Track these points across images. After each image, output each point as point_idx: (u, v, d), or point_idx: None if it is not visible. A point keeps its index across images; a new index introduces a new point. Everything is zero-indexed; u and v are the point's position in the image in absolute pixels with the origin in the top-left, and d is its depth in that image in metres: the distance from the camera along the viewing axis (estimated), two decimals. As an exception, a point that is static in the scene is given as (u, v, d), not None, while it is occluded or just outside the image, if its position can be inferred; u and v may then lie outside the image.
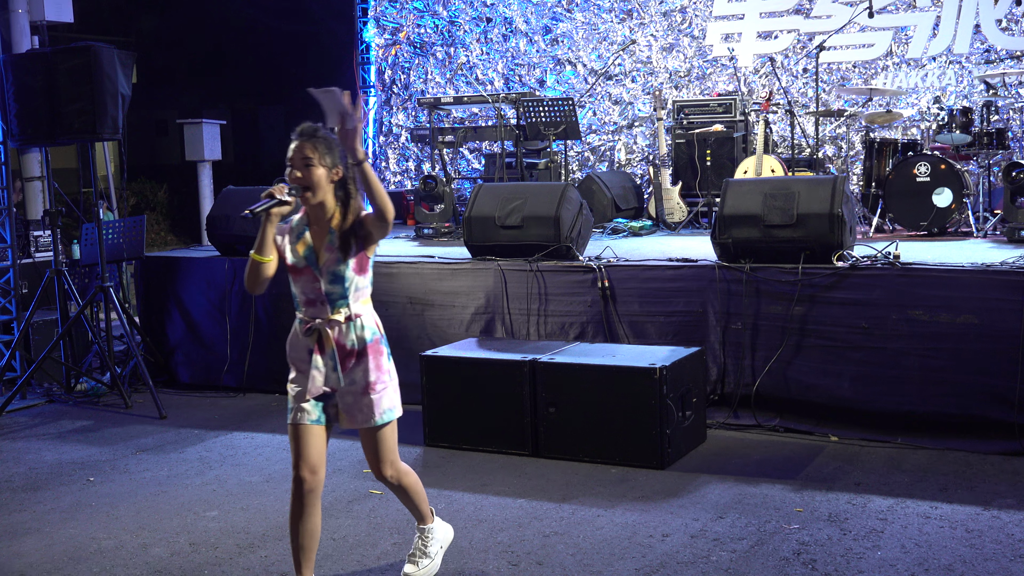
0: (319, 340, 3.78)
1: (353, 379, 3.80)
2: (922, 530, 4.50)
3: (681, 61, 10.52)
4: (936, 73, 9.49)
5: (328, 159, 3.69)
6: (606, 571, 4.20)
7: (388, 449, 3.90)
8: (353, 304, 3.78)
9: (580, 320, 6.55)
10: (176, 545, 4.64)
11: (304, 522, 3.81)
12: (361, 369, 3.80)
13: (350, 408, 3.82)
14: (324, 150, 3.69)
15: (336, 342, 3.78)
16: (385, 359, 3.88)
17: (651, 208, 9.41)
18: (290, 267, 3.80)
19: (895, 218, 8.01)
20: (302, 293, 3.80)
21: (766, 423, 6.07)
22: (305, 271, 3.76)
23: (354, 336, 3.79)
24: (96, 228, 7.34)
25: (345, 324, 3.78)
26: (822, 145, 9.78)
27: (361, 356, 3.80)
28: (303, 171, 3.67)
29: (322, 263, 3.74)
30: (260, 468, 5.72)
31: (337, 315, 3.77)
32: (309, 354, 3.79)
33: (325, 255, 3.74)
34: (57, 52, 7.07)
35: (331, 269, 3.74)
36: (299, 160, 3.67)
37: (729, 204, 6.28)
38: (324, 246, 3.75)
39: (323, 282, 3.75)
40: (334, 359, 3.77)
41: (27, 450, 6.27)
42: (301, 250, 3.77)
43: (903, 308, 5.74)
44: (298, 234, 3.79)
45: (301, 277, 3.78)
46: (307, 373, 3.78)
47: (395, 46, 12.00)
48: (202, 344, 7.80)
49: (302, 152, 3.67)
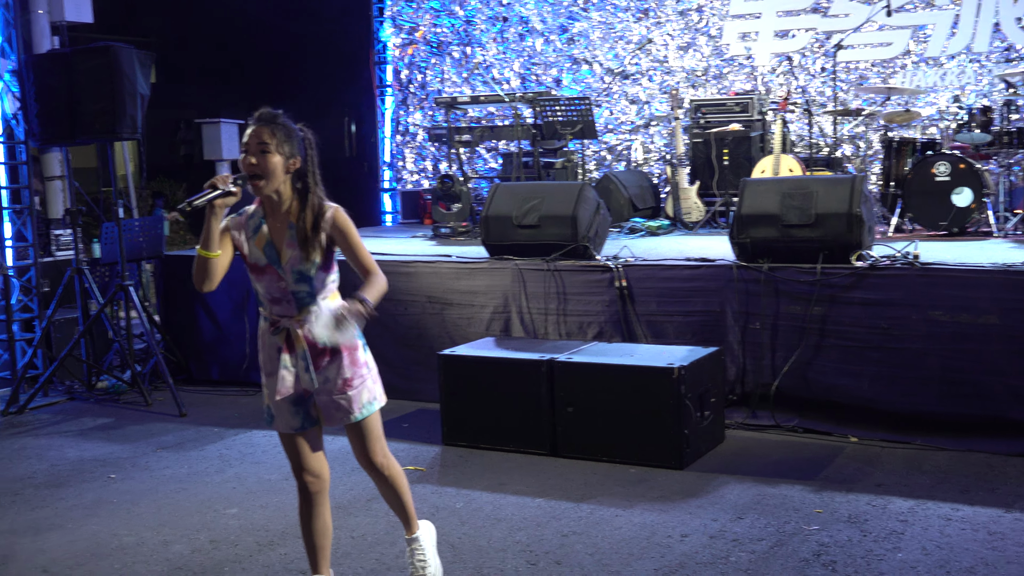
0: (287, 339, 3.60)
1: (327, 377, 3.62)
2: (943, 532, 4.49)
3: (698, 60, 10.50)
4: (955, 72, 9.45)
5: (286, 147, 3.49)
6: (624, 571, 4.20)
7: (375, 439, 3.73)
8: (321, 302, 3.60)
9: (598, 320, 6.55)
10: (197, 542, 4.67)
11: (314, 522, 3.75)
12: (335, 366, 3.62)
13: (327, 407, 3.65)
14: (283, 137, 3.48)
15: (307, 341, 3.58)
16: (360, 352, 3.67)
17: (668, 208, 9.40)
18: (250, 265, 3.60)
19: (914, 218, 7.97)
20: (266, 291, 3.60)
21: (785, 423, 6.06)
22: (267, 269, 3.56)
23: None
24: (116, 227, 7.38)
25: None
26: (840, 144, 9.75)
27: (335, 353, 3.61)
28: (258, 157, 3.45)
29: (285, 261, 3.54)
30: (279, 466, 5.74)
31: (306, 314, 3.59)
32: (278, 353, 3.61)
33: (287, 252, 3.54)
34: (77, 52, 7.12)
35: (296, 268, 3.54)
36: (255, 145, 3.46)
37: (747, 204, 6.27)
38: (284, 242, 3.55)
39: (289, 281, 3.55)
40: (306, 359, 3.58)
41: (49, 447, 6.32)
42: (261, 246, 3.56)
43: (923, 308, 5.72)
44: (255, 228, 3.58)
45: (264, 276, 3.57)
46: (277, 375, 3.61)
47: (412, 46, 12.01)
48: (222, 342, 7.84)
49: (259, 137, 3.46)
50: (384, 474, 3.79)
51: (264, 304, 3.64)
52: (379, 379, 3.76)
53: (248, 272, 3.62)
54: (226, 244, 3.56)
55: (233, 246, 3.59)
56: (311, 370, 3.59)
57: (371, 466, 3.77)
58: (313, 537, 3.78)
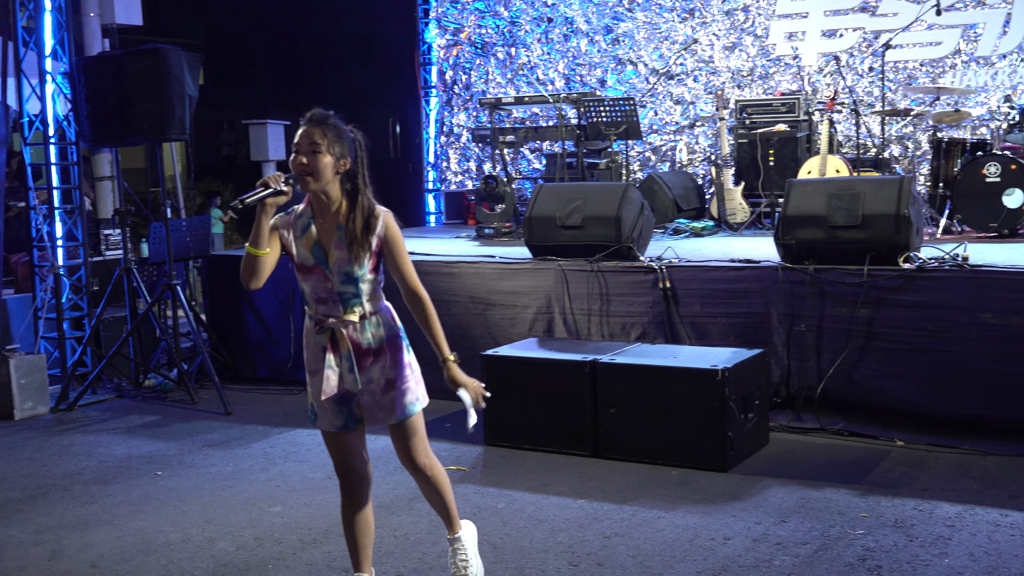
0: (332, 339, 3.62)
1: (371, 378, 3.64)
2: (991, 538, 4.42)
3: (744, 60, 10.43)
4: (1007, 71, 9.30)
5: (337, 148, 3.52)
6: (667, 573, 4.18)
7: (418, 439, 3.73)
8: (367, 303, 3.62)
9: (641, 321, 6.53)
10: (241, 539, 4.71)
11: (356, 520, 3.79)
12: (379, 367, 3.64)
13: (371, 407, 3.68)
14: (333, 138, 3.52)
15: (351, 341, 3.62)
16: (404, 352, 3.69)
17: (713, 208, 9.35)
18: (297, 265, 3.62)
19: (963, 219, 7.86)
20: (312, 291, 3.63)
21: (830, 426, 6.00)
22: (314, 269, 3.59)
23: (370, 334, 3.63)
24: (164, 227, 7.48)
25: (360, 323, 3.62)
26: (888, 145, 9.64)
27: (379, 354, 3.64)
28: (309, 157, 3.49)
29: (332, 262, 3.57)
30: (323, 464, 5.79)
31: (351, 315, 3.60)
32: (323, 352, 3.63)
33: (335, 253, 3.57)
34: (127, 55, 7.22)
35: (343, 269, 3.57)
36: (306, 145, 3.50)
37: (793, 204, 6.22)
38: (333, 242, 3.57)
39: (335, 282, 3.58)
40: (350, 359, 3.61)
41: (97, 444, 6.41)
42: (308, 246, 3.58)
43: (972, 311, 5.63)
44: (303, 228, 3.61)
45: (311, 276, 3.60)
46: (320, 374, 3.63)
47: (456, 47, 12.05)
48: (267, 341, 7.92)
49: (310, 138, 3.50)
50: (426, 474, 3.79)
51: (310, 304, 3.67)
52: (422, 380, 3.77)
53: (295, 272, 3.65)
54: (274, 242, 3.58)
55: (280, 245, 3.61)
56: (355, 370, 3.61)
57: (413, 466, 3.77)
58: (355, 535, 3.80)
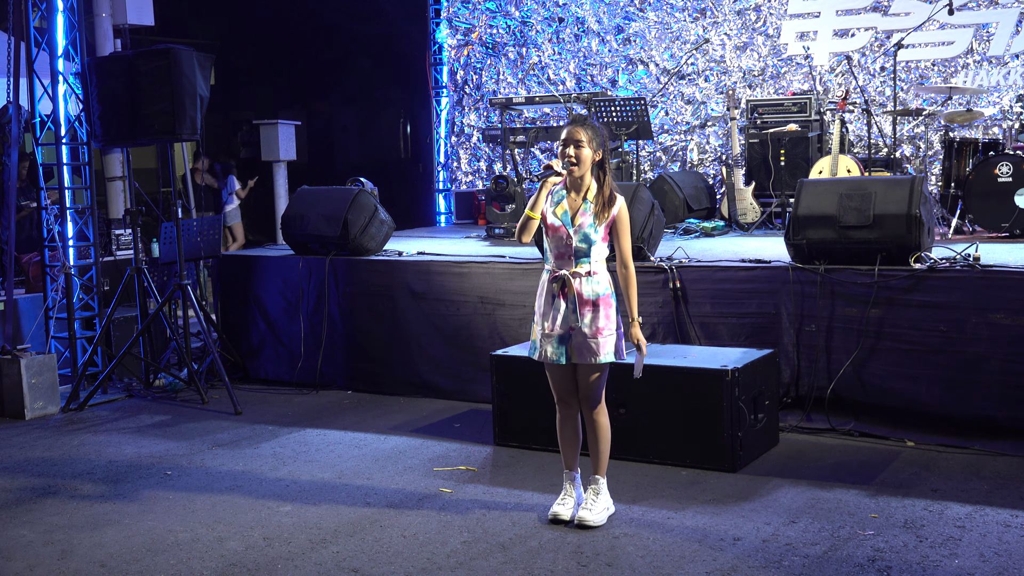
0: (563, 287, 4.55)
1: (585, 322, 4.54)
2: (1002, 539, 4.40)
3: (755, 60, 10.41)
4: (1019, 71, 9.26)
5: (594, 143, 4.54)
6: (676, 574, 4.17)
7: (601, 383, 4.66)
8: (593, 263, 4.56)
9: (651, 321, 6.52)
10: (250, 539, 4.72)
11: (567, 431, 4.78)
12: (594, 316, 4.55)
13: (580, 347, 4.57)
14: (592, 134, 4.53)
15: (576, 291, 4.54)
16: (613, 311, 4.59)
17: (723, 208, 9.33)
18: (548, 225, 4.61)
19: (975, 219, 7.83)
20: (555, 247, 4.60)
21: (840, 427, 5.98)
22: (560, 229, 4.57)
23: (591, 288, 4.55)
24: (175, 227, 7.49)
25: (585, 277, 4.55)
26: (900, 145, 9.60)
27: (596, 306, 4.55)
28: (576, 150, 4.50)
29: (575, 224, 4.56)
30: (332, 465, 5.79)
31: (580, 268, 4.56)
32: (553, 299, 4.59)
33: (579, 218, 4.56)
34: (138, 55, 7.23)
35: (583, 230, 4.54)
36: (572, 141, 4.51)
37: (804, 204, 6.20)
38: (578, 211, 4.56)
39: (574, 240, 4.55)
40: (574, 303, 4.54)
41: (108, 443, 6.43)
42: (559, 213, 4.58)
43: (983, 311, 5.61)
44: (557, 199, 4.61)
45: (556, 234, 4.58)
46: (550, 315, 4.58)
47: (467, 46, 12.05)
48: (277, 341, 7.93)
49: (575, 135, 4.51)
50: (595, 418, 4.70)
51: (549, 259, 4.66)
52: (623, 344, 4.65)
53: (544, 232, 4.66)
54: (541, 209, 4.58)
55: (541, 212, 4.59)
56: (577, 311, 4.55)
57: (588, 407, 4.69)
58: (568, 442, 4.79)
